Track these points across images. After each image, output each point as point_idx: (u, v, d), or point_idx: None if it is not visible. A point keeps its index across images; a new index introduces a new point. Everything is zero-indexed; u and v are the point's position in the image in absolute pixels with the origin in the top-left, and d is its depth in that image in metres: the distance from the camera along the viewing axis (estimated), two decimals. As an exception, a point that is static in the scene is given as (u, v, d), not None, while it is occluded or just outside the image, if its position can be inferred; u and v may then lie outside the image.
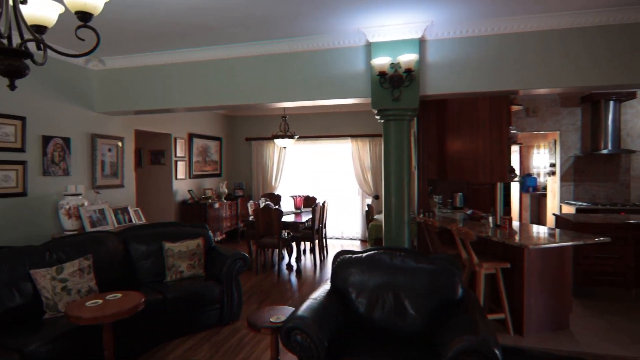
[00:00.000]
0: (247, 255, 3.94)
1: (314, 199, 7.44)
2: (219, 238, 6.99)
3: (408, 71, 3.43)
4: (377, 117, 3.78)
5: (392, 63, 3.50)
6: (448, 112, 4.82)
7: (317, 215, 6.03)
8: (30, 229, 3.85)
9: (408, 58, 3.39)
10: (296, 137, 6.24)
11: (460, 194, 5.58)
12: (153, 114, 5.12)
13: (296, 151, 8.40)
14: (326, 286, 2.87)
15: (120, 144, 4.96)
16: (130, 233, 3.89)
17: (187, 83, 4.29)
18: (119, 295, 2.76)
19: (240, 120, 8.59)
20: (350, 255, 2.90)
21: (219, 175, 8.16)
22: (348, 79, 3.80)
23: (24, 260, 2.95)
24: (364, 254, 2.85)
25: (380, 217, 5.77)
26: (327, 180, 8.31)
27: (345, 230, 8.21)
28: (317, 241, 6.11)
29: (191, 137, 7.11)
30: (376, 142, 7.71)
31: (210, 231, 4.32)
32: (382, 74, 3.49)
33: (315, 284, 5.09)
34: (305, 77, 3.93)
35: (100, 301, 2.63)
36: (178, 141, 6.73)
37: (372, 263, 2.76)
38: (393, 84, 3.51)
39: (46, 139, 3.99)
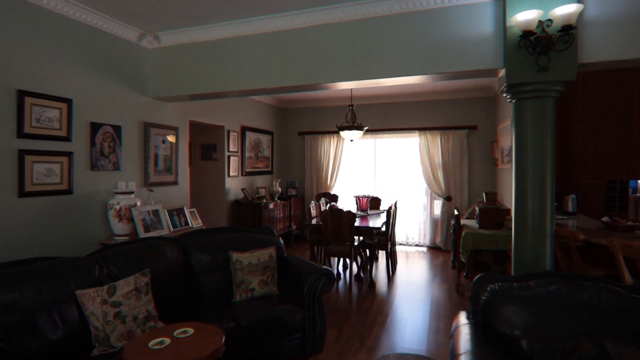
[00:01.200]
0: (331, 270, 3.15)
1: (379, 200, 6.58)
2: (273, 242, 6.28)
3: (566, 29, 2.51)
4: (507, 96, 2.89)
5: (540, 20, 2.59)
6: (577, 90, 3.82)
7: (391, 220, 5.18)
8: (75, 233, 3.24)
9: (567, 10, 2.46)
10: (365, 128, 5.41)
11: (572, 196, 4.55)
12: (209, 99, 4.45)
13: (354, 147, 7.57)
14: (465, 328, 2.02)
15: (173, 137, 4.32)
16: (190, 240, 3.21)
17: (256, 60, 3.57)
18: (190, 330, 2.04)
19: (292, 112, 7.87)
20: (509, 284, 2.04)
21: (270, 172, 7.47)
22: (470, 45, 2.92)
23: (68, 277, 2.29)
24: (533, 283, 1.97)
25: (470, 222, 4.84)
26: (390, 180, 7.43)
27: (410, 235, 7.30)
28: (388, 249, 5.26)
29: (244, 130, 6.45)
30: (448, 135, 6.75)
31: (281, 239, 3.58)
32: (527, 35, 2.58)
33: (396, 302, 4.24)
34: (409, 46, 3.09)
35: (167, 340, 1.91)
36: (231, 134, 6.08)
37: (553, 297, 1.88)
38: (540, 49, 2.60)
39: (95, 127, 3.38)
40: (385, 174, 7.43)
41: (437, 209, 7.07)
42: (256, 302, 3.01)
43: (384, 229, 5.07)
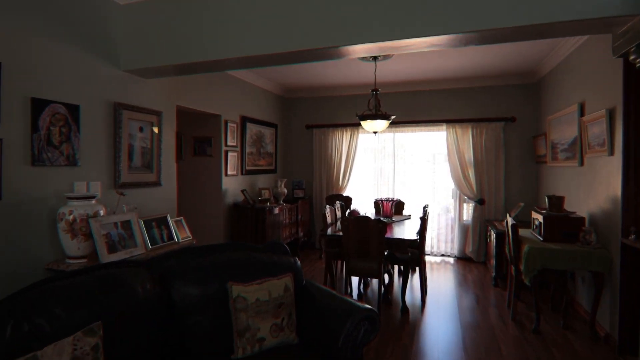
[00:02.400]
0: (374, 310, 2.20)
1: (402, 204, 5.63)
2: (279, 253, 5.31)
3: None
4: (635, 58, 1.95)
5: None
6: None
7: (426, 228, 4.24)
8: (8, 255, 2.27)
9: None
10: (392, 117, 4.46)
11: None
12: (202, 73, 3.53)
13: (370, 142, 6.62)
14: None
15: (155, 124, 3.35)
16: (172, 265, 2.24)
17: (262, 17, 2.61)
18: None
19: (299, 103, 6.90)
20: None
21: (273, 171, 6.50)
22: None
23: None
24: None
25: (525, 233, 3.90)
26: (411, 180, 6.48)
27: (435, 243, 6.36)
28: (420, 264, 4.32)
29: (244, 121, 5.49)
30: (481, 129, 5.82)
31: (298, 260, 2.62)
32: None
33: (442, 336, 3.30)
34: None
35: None
36: (229, 126, 5.11)
37: None
38: None
39: (38, 105, 2.40)
40: (406, 173, 6.48)
41: (467, 214, 6.13)
42: (268, 358, 2.06)
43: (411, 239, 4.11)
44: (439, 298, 4.34)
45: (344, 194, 6.51)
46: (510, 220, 3.83)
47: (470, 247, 5.93)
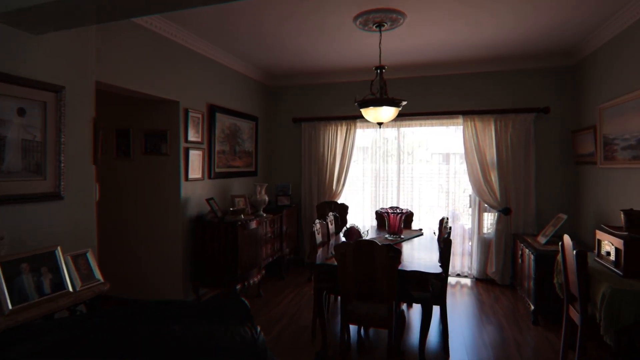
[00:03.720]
0: None
1: (411, 215, 4.52)
2: (255, 279, 4.18)
3: None
4: None
5: None
6: None
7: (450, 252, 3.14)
8: None
9: None
10: (403, 103, 3.35)
11: None
12: (143, 15, 2.39)
13: (368, 139, 5.52)
14: None
15: (46, 105, 2.20)
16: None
17: None
18: None
19: (284, 91, 5.76)
20: None
21: (253, 173, 5.36)
22: None
23: None
24: None
25: (590, 261, 2.80)
26: (419, 184, 5.38)
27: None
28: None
29: (212, 110, 4.33)
30: (507, 121, 4.73)
31: (260, 333, 1.49)
32: None
33: None
34: None
35: None
36: (191, 116, 3.96)
37: None
38: None
39: None
40: (413, 176, 5.38)
41: (489, 226, 5.05)
42: None
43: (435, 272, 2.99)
44: (465, 343, 3.23)
45: (339, 201, 5.39)
46: (568, 241, 2.73)
47: (494, 266, 4.84)
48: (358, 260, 2.63)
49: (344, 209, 5.20)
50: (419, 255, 3.21)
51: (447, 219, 3.77)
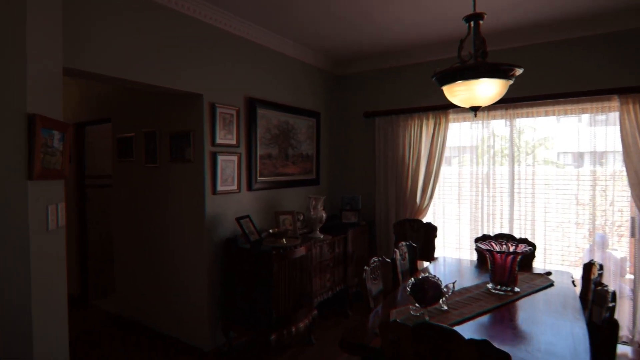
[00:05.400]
0: None
1: (534, 248, 3.00)
2: (303, 323, 3.15)
3: None
4: None
5: None
6: None
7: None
8: None
9: None
10: (518, 71, 1.98)
11: None
12: None
13: (466, 135, 4.07)
14: None
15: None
16: None
17: None
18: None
19: (354, 80, 4.64)
20: None
21: (314, 182, 4.37)
22: None
23: None
24: None
25: None
26: (542, 200, 3.72)
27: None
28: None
29: (252, 105, 3.46)
30: None
31: None
32: None
33: None
34: None
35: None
36: (220, 113, 3.13)
37: None
38: None
39: None
40: (533, 185, 3.75)
41: (668, 268, 3.19)
42: None
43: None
44: None
45: (424, 220, 4.07)
46: None
47: (680, 336, 2.99)
48: (421, 358, 1.40)
49: (430, 230, 3.86)
50: (547, 336, 1.79)
51: (600, 266, 2.23)
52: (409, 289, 1.99)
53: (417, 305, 1.98)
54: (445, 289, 1.99)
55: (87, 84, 4.03)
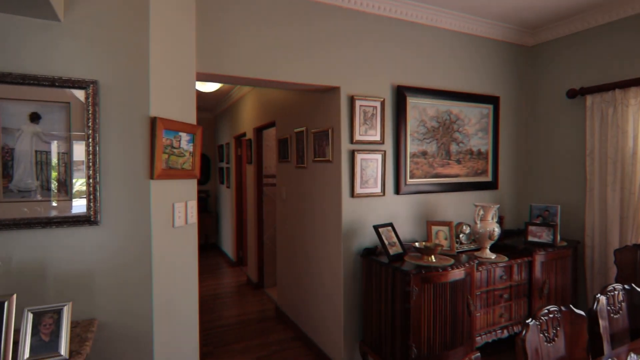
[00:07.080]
0: None
1: None
2: (453, 368, 2.46)
3: None
4: None
5: None
6: None
7: None
8: None
9: None
10: None
11: None
12: None
13: None
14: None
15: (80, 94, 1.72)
16: None
17: None
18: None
19: (551, 48, 3.42)
20: None
21: (489, 185, 3.45)
22: None
23: None
24: None
25: None
26: None
27: None
28: None
29: (401, 94, 2.95)
30: None
31: None
32: None
33: None
34: None
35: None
36: (360, 106, 2.78)
37: None
38: None
39: None
40: None
41: None
42: None
43: None
44: None
45: (674, 248, 2.58)
46: None
47: None
48: None
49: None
50: None
51: None
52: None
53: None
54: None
55: (260, 90, 4.43)
